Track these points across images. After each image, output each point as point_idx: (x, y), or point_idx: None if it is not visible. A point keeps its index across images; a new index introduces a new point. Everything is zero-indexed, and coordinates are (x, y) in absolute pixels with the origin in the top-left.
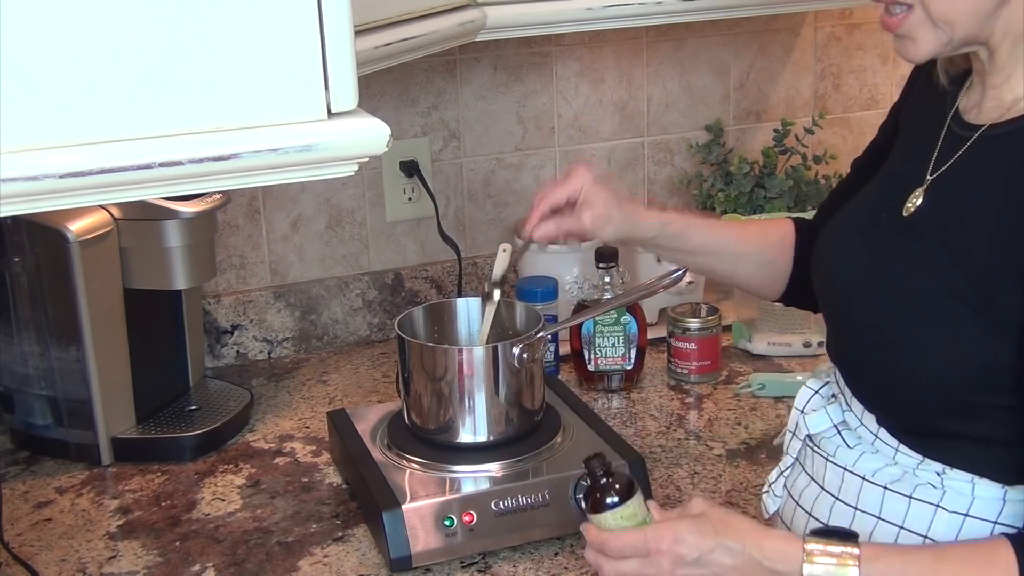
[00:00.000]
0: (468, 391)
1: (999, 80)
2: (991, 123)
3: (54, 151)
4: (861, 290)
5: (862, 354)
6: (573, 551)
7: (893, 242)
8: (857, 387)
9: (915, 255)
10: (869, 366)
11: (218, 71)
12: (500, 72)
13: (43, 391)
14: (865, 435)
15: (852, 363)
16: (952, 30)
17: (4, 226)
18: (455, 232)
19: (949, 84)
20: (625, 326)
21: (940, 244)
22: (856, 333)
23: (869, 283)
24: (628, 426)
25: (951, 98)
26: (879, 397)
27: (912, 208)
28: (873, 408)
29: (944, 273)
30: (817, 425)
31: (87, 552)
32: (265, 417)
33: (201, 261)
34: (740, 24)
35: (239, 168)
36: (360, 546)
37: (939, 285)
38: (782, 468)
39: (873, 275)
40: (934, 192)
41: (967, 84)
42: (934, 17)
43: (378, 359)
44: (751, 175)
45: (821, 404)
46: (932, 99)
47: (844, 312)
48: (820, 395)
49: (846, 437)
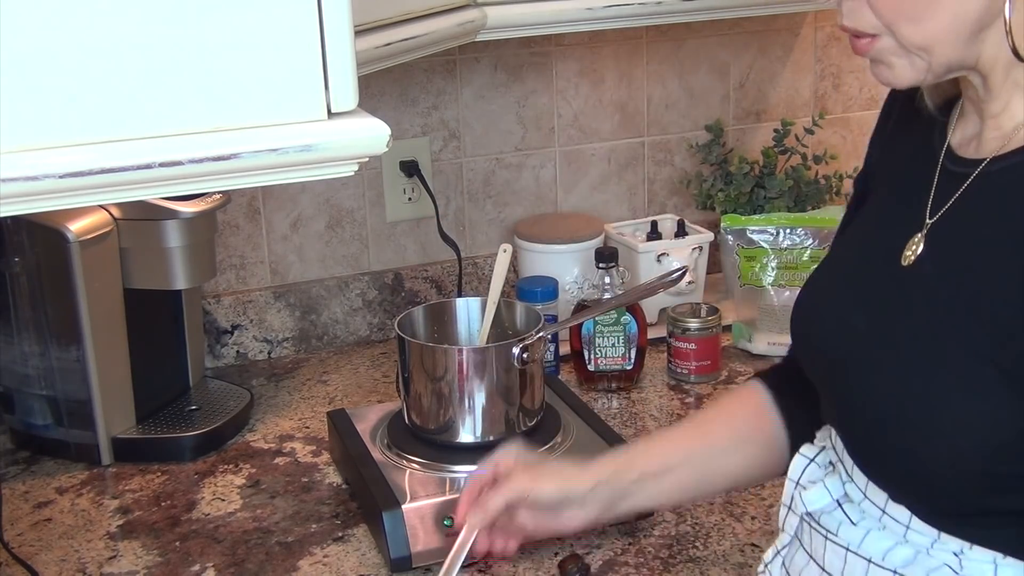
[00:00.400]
0: (468, 391)
1: (997, 107)
2: (992, 156)
3: (54, 151)
4: (861, 361)
5: (869, 429)
6: (573, 551)
7: (893, 298)
8: (864, 462)
9: (922, 311)
10: (879, 442)
11: (218, 71)
12: (500, 72)
13: (43, 391)
14: (870, 509)
15: (857, 437)
16: (930, 56)
17: (4, 226)
18: (455, 232)
19: (937, 111)
20: (625, 326)
21: (951, 296)
22: (860, 408)
23: (870, 351)
24: (628, 426)
25: (940, 129)
26: (891, 474)
27: (912, 257)
28: (884, 485)
29: (960, 330)
30: (815, 501)
31: (87, 552)
32: (265, 417)
33: (201, 261)
34: (740, 24)
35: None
36: (360, 546)
37: (956, 345)
38: (779, 547)
39: (873, 341)
40: (937, 237)
41: (956, 111)
42: (905, 44)
43: (378, 359)
44: (751, 175)
45: (819, 475)
46: (916, 128)
47: (843, 387)
48: (816, 464)
49: (848, 512)
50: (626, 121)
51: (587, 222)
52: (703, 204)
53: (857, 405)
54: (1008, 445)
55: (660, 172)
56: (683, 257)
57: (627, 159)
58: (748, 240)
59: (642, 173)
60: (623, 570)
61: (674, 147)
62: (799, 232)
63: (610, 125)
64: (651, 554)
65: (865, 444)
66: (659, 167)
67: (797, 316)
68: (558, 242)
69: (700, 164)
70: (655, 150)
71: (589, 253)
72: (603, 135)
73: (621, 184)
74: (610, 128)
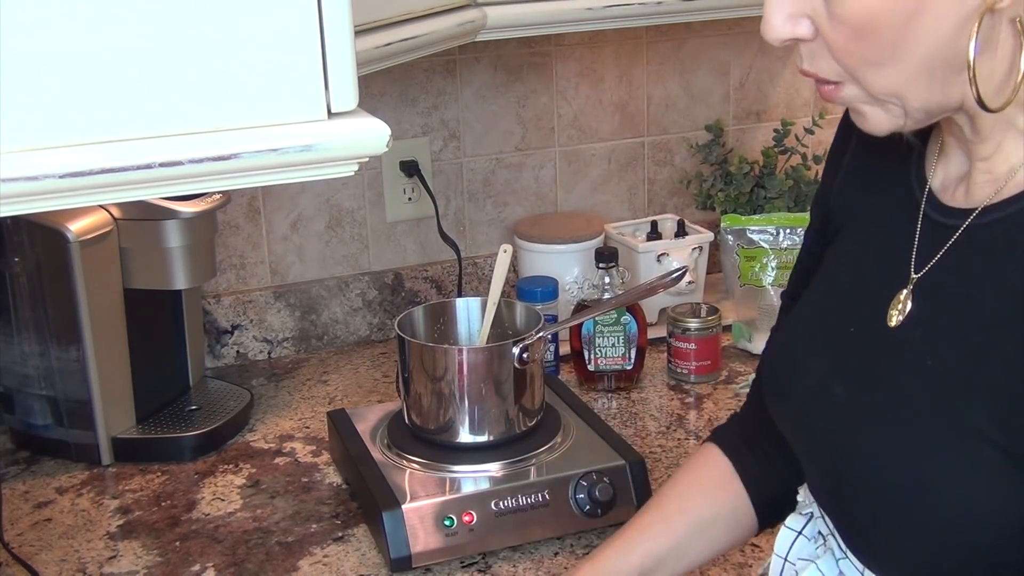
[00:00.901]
0: (468, 391)
1: (988, 150)
2: (984, 204)
3: (54, 151)
4: (843, 438)
5: (857, 513)
6: (573, 551)
7: (877, 365)
8: (856, 547)
9: (910, 381)
10: (869, 528)
11: (218, 71)
12: (500, 72)
13: (43, 391)
14: None
15: (845, 519)
16: (903, 102)
17: (4, 226)
18: (455, 232)
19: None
20: (625, 326)
21: (943, 368)
22: (845, 490)
23: (854, 427)
24: (628, 426)
25: (916, 163)
26: (887, 562)
27: (900, 316)
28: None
29: (954, 406)
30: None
31: (87, 552)
32: (265, 417)
33: (201, 261)
34: (740, 24)
35: (239, 168)
36: (360, 546)
37: (951, 423)
38: None
39: (857, 414)
40: (925, 295)
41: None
42: (873, 92)
43: (378, 359)
44: (751, 175)
45: (809, 550)
46: (886, 156)
47: (826, 465)
48: (805, 537)
49: None
50: (626, 121)
51: (587, 222)
52: (703, 204)
53: (840, 485)
54: (1016, 533)
55: (660, 172)
56: (683, 257)
57: (627, 159)
58: (748, 240)
59: (642, 173)
60: None
61: (674, 147)
62: (799, 232)
63: (610, 125)
64: None
65: (855, 528)
66: (659, 167)
67: (769, 375)
68: (558, 242)
69: (700, 164)
70: (655, 150)
71: (589, 253)
72: (603, 135)
73: (621, 184)
74: (610, 128)
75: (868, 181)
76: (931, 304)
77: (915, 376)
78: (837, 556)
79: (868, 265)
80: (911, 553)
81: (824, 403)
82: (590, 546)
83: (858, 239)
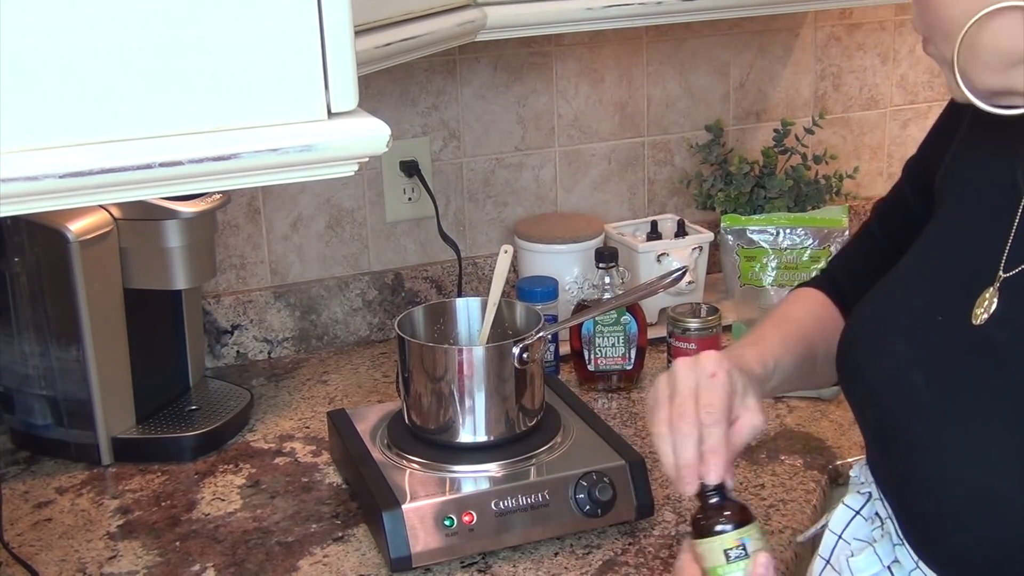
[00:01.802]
0: (468, 391)
1: None
2: None
3: (54, 151)
4: (922, 425)
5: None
6: (573, 551)
7: (962, 360)
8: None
9: (993, 380)
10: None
11: (218, 71)
12: (500, 72)
13: (43, 391)
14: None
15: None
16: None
17: (4, 226)
18: (455, 232)
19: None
20: (625, 326)
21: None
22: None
23: (933, 416)
24: (628, 426)
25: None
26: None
27: (984, 315)
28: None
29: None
30: (864, 569)
31: (87, 552)
32: (265, 417)
33: (201, 261)
34: (740, 24)
35: (239, 168)
36: (360, 546)
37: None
38: None
39: (937, 405)
40: (1012, 296)
41: None
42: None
43: (378, 359)
44: (751, 175)
45: (865, 531)
46: (996, 140)
47: (892, 450)
48: (863, 517)
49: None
50: (626, 121)
51: (587, 222)
52: (703, 204)
53: (910, 475)
54: None
55: (660, 172)
56: (683, 257)
57: (627, 159)
58: (748, 240)
59: (642, 173)
60: (623, 570)
61: (674, 147)
62: (799, 232)
63: (610, 125)
64: (651, 554)
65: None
66: (659, 167)
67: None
68: (558, 242)
69: (700, 164)
70: (655, 150)
71: (589, 253)
72: (603, 135)
73: (621, 184)
74: (610, 128)
75: (973, 160)
76: (1018, 306)
77: (997, 379)
78: (895, 542)
79: (959, 257)
80: (971, 555)
81: (903, 388)
82: (590, 546)
83: (954, 227)
